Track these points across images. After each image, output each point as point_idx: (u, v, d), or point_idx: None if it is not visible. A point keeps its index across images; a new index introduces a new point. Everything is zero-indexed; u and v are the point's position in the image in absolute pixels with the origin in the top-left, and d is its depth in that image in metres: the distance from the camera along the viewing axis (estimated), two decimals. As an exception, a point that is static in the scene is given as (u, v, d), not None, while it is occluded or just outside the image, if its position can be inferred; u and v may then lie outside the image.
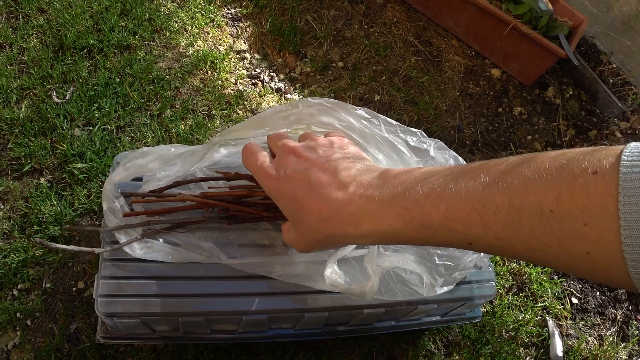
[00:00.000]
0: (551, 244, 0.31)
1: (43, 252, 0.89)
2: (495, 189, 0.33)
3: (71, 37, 1.11)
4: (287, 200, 0.48)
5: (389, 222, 0.41)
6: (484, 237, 0.35)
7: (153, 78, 1.11)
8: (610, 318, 1.10)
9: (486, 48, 1.40)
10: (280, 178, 0.49)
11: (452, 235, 0.37)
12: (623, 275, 0.29)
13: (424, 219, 0.38)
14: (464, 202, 0.35)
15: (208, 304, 0.63)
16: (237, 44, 1.26)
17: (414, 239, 0.40)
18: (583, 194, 0.29)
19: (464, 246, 0.37)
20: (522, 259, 0.35)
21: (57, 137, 0.99)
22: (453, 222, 0.36)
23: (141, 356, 0.84)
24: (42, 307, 0.86)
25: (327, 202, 0.44)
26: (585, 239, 0.29)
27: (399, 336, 0.93)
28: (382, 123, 0.66)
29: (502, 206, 0.33)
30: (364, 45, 1.31)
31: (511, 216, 0.32)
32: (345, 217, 0.43)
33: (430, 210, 0.37)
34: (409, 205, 0.39)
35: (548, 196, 0.30)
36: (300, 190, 0.47)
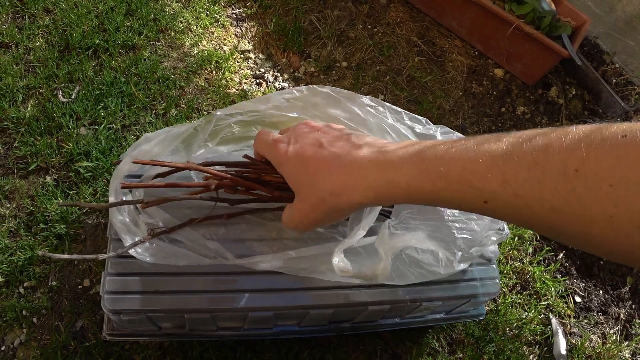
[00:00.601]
0: (572, 205, 0.30)
1: (49, 250, 0.90)
2: (518, 148, 0.33)
3: (77, 37, 1.11)
4: (295, 162, 0.47)
5: (402, 171, 0.40)
6: (501, 195, 0.33)
7: (158, 77, 1.12)
8: (613, 317, 1.10)
9: (489, 48, 1.40)
10: (290, 142, 0.49)
11: (467, 190, 0.35)
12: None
13: (441, 169, 0.37)
14: (485, 157, 0.34)
15: (214, 300, 0.64)
16: (242, 44, 1.26)
17: (425, 192, 0.39)
18: (611, 155, 0.28)
19: (477, 205, 0.36)
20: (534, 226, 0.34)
21: (63, 136, 1.00)
22: (472, 175, 0.35)
23: (147, 353, 0.85)
24: (48, 304, 0.86)
25: (337, 157, 0.44)
26: (609, 200, 0.28)
27: (403, 334, 0.94)
28: (388, 111, 0.67)
29: (524, 163, 0.32)
30: (367, 45, 1.31)
31: (533, 173, 0.31)
32: (355, 168, 0.43)
33: (448, 162, 0.36)
34: (427, 157, 0.38)
35: (574, 156, 0.29)
36: (309, 150, 0.46)
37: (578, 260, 1.15)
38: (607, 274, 1.14)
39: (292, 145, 0.48)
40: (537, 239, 1.14)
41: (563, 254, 1.14)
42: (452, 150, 0.37)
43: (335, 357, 0.90)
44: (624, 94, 1.44)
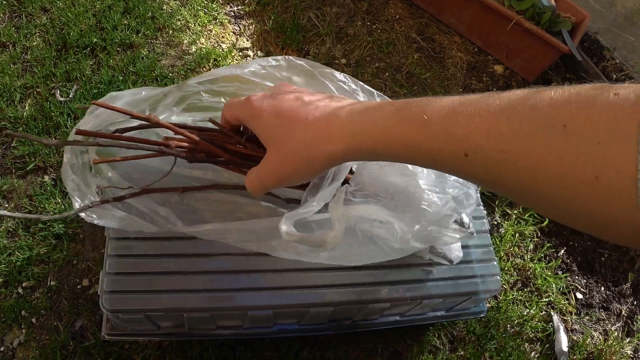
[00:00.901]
0: (558, 163, 0.28)
1: (48, 250, 0.89)
2: (506, 102, 0.31)
3: (74, 36, 1.11)
4: (270, 115, 0.45)
5: (383, 116, 0.38)
6: (484, 148, 0.32)
7: (156, 76, 1.11)
8: (615, 313, 1.09)
9: (489, 44, 1.40)
10: (265, 97, 0.46)
11: (448, 141, 0.34)
12: (630, 207, 0.26)
13: (424, 117, 0.35)
14: (471, 108, 0.33)
15: (213, 299, 0.63)
16: (240, 42, 1.26)
17: (405, 140, 0.37)
18: (601, 114, 0.27)
19: (456, 159, 0.34)
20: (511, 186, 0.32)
21: (61, 135, 0.99)
22: (455, 125, 0.33)
23: (146, 353, 0.84)
24: (47, 304, 0.86)
25: (316, 109, 0.42)
26: (596, 159, 0.26)
27: (404, 331, 0.93)
28: (360, 89, 0.65)
29: (511, 117, 0.30)
30: (366, 42, 1.31)
31: (520, 128, 0.30)
32: (333, 118, 0.41)
33: (432, 112, 0.35)
34: (410, 106, 0.37)
35: (562, 111, 0.28)
36: (285, 103, 0.44)
37: (579, 256, 1.14)
38: (609, 270, 1.14)
39: (268, 99, 0.46)
40: (537, 236, 1.14)
41: (564, 251, 1.14)
42: (436, 102, 0.36)
43: (336, 355, 0.89)
44: (625, 89, 1.44)
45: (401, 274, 0.71)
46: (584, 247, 1.15)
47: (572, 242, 1.15)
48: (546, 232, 1.15)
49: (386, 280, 0.70)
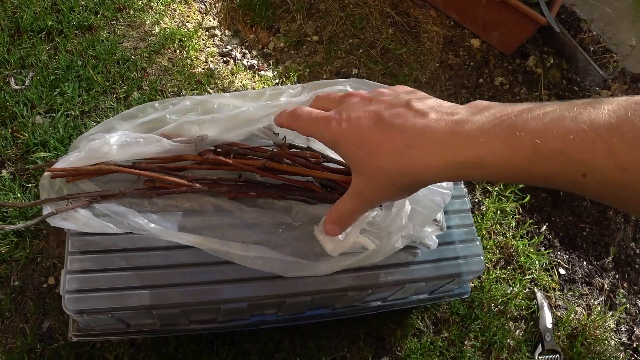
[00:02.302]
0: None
1: (9, 249, 0.84)
2: (624, 116, 0.30)
3: (28, 19, 1.04)
4: (352, 141, 0.43)
5: (490, 147, 0.35)
6: (604, 168, 0.31)
7: (118, 59, 1.05)
8: (597, 287, 1.09)
9: (465, 18, 1.36)
10: (343, 119, 0.44)
11: (565, 165, 0.32)
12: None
13: (537, 142, 0.33)
14: (587, 127, 0.31)
15: (183, 294, 0.60)
16: (206, 21, 1.20)
17: (515, 169, 0.35)
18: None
19: (573, 180, 0.33)
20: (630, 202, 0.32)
21: (18, 125, 0.93)
22: (572, 147, 0.32)
23: (119, 351, 0.81)
24: (12, 306, 0.82)
25: (402, 131, 0.40)
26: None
27: (387, 316, 0.91)
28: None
29: (633, 134, 0.29)
30: (339, 18, 1.26)
31: (637, 142, 0.29)
32: (427, 144, 0.38)
33: (544, 134, 0.33)
34: (517, 128, 0.34)
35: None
36: (367, 126, 0.42)
37: (561, 232, 1.13)
38: (590, 244, 1.13)
39: (346, 121, 0.43)
40: (519, 212, 1.12)
41: (546, 227, 1.13)
42: (545, 120, 0.33)
43: (317, 343, 0.87)
44: (602, 62, 1.42)
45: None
46: (565, 222, 1.14)
47: (553, 218, 1.14)
48: (527, 208, 1.13)
49: (365, 266, 0.67)
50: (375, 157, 0.41)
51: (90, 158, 0.60)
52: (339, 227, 0.51)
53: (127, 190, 0.61)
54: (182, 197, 0.64)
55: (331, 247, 0.57)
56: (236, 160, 0.61)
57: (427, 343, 0.92)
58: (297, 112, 0.49)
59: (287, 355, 0.85)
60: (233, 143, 0.62)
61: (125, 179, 0.63)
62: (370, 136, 0.41)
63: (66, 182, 0.61)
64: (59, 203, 0.59)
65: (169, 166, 0.62)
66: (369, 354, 0.89)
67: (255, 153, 0.62)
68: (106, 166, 0.60)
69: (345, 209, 0.48)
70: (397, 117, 0.41)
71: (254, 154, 0.62)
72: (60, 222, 0.57)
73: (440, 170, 0.38)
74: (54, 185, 0.61)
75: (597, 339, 1.01)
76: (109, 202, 0.60)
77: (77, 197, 0.59)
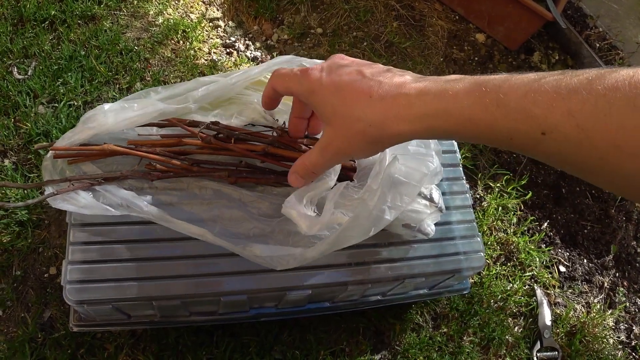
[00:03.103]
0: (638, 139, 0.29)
1: (11, 238, 0.85)
2: (585, 81, 0.31)
3: (31, 9, 1.03)
4: (329, 90, 0.44)
5: (457, 98, 0.37)
6: (563, 127, 0.32)
7: (121, 49, 1.05)
8: (597, 285, 1.09)
9: (470, 11, 1.35)
10: (324, 70, 0.45)
11: (526, 121, 0.34)
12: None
13: (500, 97, 0.35)
14: (549, 87, 0.33)
15: (183, 286, 0.60)
16: (210, 11, 1.19)
17: (479, 122, 0.36)
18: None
19: (533, 138, 0.34)
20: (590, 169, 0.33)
21: (21, 115, 0.93)
22: (533, 103, 0.33)
23: (119, 342, 0.81)
24: (13, 296, 0.82)
25: (380, 85, 0.41)
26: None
27: (386, 310, 0.91)
28: None
29: (591, 95, 0.31)
30: (343, 10, 1.25)
31: (601, 106, 0.30)
32: (401, 97, 0.40)
33: (508, 90, 0.35)
34: (484, 85, 0.36)
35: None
36: (347, 78, 0.43)
37: (562, 229, 1.13)
38: (591, 242, 1.13)
39: (327, 73, 0.44)
40: (521, 209, 1.12)
41: (547, 224, 1.12)
42: (511, 80, 0.35)
43: (316, 337, 0.87)
44: (608, 58, 1.41)
45: (382, 253, 0.68)
46: (567, 219, 1.14)
47: (555, 215, 1.14)
48: (529, 205, 1.13)
49: (366, 261, 0.67)
50: (350, 106, 0.42)
51: (88, 128, 0.59)
52: (302, 179, 0.51)
53: (128, 173, 0.61)
54: (182, 181, 0.64)
55: (306, 225, 0.55)
56: (237, 145, 0.61)
57: (426, 338, 0.92)
58: (280, 71, 0.50)
59: (287, 348, 0.86)
60: (234, 128, 0.62)
61: (126, 162, 0.63)
62: (348, 86, 0.42)
63: (68, 164, 0.61)
64: (61, 185, 0.59)
65: (170, 150, 0.62)
66: (367, 348, 0.89)
67: (256, 138, 0.62)
68: (109, 147, 0.59)
69: (311, 161, 0.49)
70: (377, 75, 0.42)
71: (255, 139, 0.62)
72: (60, 203, 0.57)
73: (408, 123, 0.40)
74: (57, 167, 0.60)
75: (596, 336, 1.01)
76: (110, 184, 0.60)
77: (79, 179, 0.59)
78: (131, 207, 0.58)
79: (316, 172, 0.50)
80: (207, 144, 0.61)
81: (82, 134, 0.59)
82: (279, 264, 0.57)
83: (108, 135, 0.63)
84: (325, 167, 0.50)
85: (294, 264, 0.57)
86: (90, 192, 0.59)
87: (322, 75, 0.44)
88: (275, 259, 0.58)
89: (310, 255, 0.56)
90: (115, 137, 0.63)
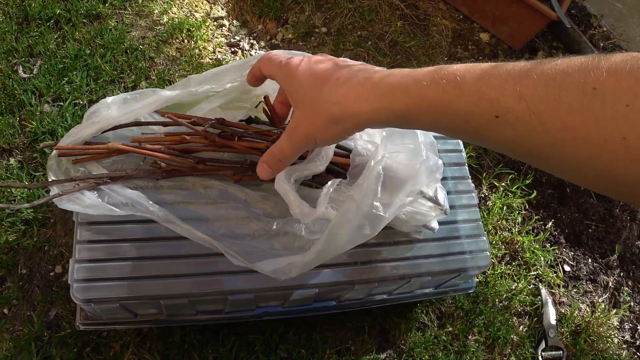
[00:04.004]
0: (587, 124, 0.29)
1: (17, 237, 0.85)
2: (537, 66, 0.32)
3: (36, 7, 1.04)
4: (304, 75, 0.45)
5: (414, 78, 0.38)
6: (515, 110, 0.33)
7: (126, 48, 1.05)
8: (602, 285, 1.09)
9: (475, 11, 1.35)
10: (303, 60, 0.47)
11: (480, 102, 0.35)
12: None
13: (457, 78, 0.36)
14: (502, 72, 0.34)
15: (190, 284, 0.60)
16: (215, 11, 1.19)
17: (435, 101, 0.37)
18: (630, 77, 0.28)
19: (486, 121, 0.35)
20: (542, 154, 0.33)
21: (26, 114, 0.94)
22: (487, 86, 0.34)
23: (125, 340, 0.81)
24: (19, 294, 0.82)
25: (349, 71, 0.43)
26: (624, 120, 0.28)
27: (392, 309, 0.91)
28: None
29: (542, 80, 0.31)
30: (347, 10, 1.25)
31: (551, 90, 0.31)
32: (365, 82, 0.41)
33: (464, 73, 0.36)
34: (442, 69, 0.38)
35: (592, 75, 0.29)
36: (321, 65, 0.45)
37: (567, 228, 1.13)
38: (596, 242, 1.13)
39: (306, 63, 0.47)
40: (526, 208, 1.12)
41: (552, 223, 1.12)
42: (472, 66, 0.37)
43: (322, 335, 0.87)
44: (611, 57, 1.41)
45: (388, 252, 0.68)
46: (571, 219, 1.14)
47: (559, 214, 1.13)
48: (534, 204, 1.13)
49: (372, 259, 0.67)
50: (319, 88, 0.44)
51: (93, 123, 0.59)
52: (270, 169, 0.51)
53: (133, 172, 0.60)
54: (187, 180, 0.64)
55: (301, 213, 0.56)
56: (240, 143, 0.61)
57: (431, 337, 0.92)
58: (269, 55, 0.51)
59: (292, 347, 0.86)
60: (239, 125, 0.62)
61: (131, 161, 0.63)
62: (321, 74, 0.44)
63: (73, 163, 0.61)
64: (66, 185, 0.59)
65: (175, 147, 0.62)
66: (373, 347, 0.89)
67: (260, 136, 0.62)
68: (114, 146, 0.59)
69: (278, 148, 0.49)
70: (351, 66, 0.44)
71: (259, 137, 0.62)
72: (66, 204, 0.57)
73: (368, 103, 0.41)
74: (61, 167, 0.61)
75: (601, 336, 1.01)
76: (116, 183, 0.60)
77: (84, 179, 0.59)
78: (136, 207, 0.58)
79: (283, 159, 0.50)
80: (212, 142, 0.61)
81: (87, 129, 0.59)
82: (283, 274, 0.57)
83: (113, 133, 0.63)
84: (292, 154, 0.49)
85: (295, 273, 0.57)
86: (95, 191, 0.59)
87: (301, 64, 0.46)
88: (278, 271, 0.57)
89: (309, 259, 0.56)
90: (120, 135, 0.63)
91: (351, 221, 0.54)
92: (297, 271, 0.57)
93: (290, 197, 0.56)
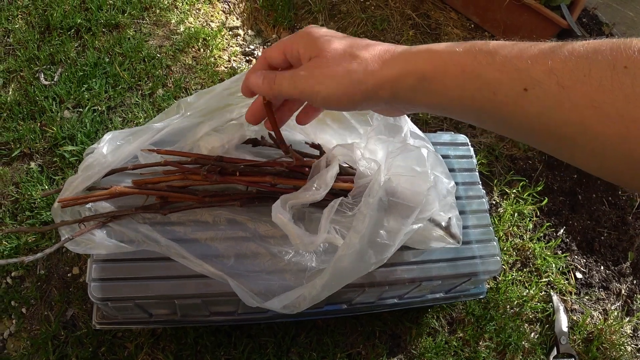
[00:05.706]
0: (616, 102, 0.29)
1: (36, 239, 0.87)
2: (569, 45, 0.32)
3: (58, 17, 1.07)
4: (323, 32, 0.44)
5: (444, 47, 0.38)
6: (544, 83, 0.32)
7: (144, 57, 1.08)
8: (614, 292, 1.08)
9: (486, 20, 1.36)
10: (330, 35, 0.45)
11: (510, 72, 0.34)
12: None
13: (489, 47, 0.36)
14: (534, 48, 0.34)
15: (205, 285, 0.61)
16: (230, 20, 1.22)
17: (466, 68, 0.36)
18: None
19: (515, 93, 0.34)
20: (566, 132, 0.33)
21: (47, 120, 0.96)
22: (518, 59, 0.34)
23: (140, 341, 0.83)
24: (37, 294, 0.84)
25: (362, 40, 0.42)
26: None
27: (402, 314, 0.92)
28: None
29: (573, 55, 0.32)
30: (360, 19, 1.27)
31: (581, 66, 0.31)
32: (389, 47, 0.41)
33: (497, 47, 0.36)
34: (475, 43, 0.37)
35: (624, 54, 0.29)
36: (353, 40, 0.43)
37: (579, 235, 1.13)
38: (608, 249, 1.13)
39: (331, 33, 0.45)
40: (537, 215, 1.12)
41: (564, 230, 1.12)
42: (502, 42, 0.37)
43: (333, 339, 0.88)
44: (624, 65, 1.41)
45: (398, 256, 0.69)
46: (583, 226, 1.13)
47: (571, 222, 1.13)
48: (545, 211, 1.13)
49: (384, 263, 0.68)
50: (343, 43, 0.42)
51: (91, 175, 0.59)
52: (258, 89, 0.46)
53: (139, 210, 0.61)
54: (195, 211, 0.64)
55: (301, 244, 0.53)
56: (242, 178, 0.60)
57: (442, 342, 0.92)
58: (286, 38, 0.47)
59: (303, 350, 0.86)
60: (238, 160, 0.61)
61: (136, 196, 0.62)
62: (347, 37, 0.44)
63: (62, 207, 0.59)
64: (74, 226, 0.59)
65: (176, 185, 0.62)
66: (383, 351, 0.90)
67: (262, 169, 0.61)
68: (117, 189, 0.60)
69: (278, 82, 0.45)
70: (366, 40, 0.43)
71: (261, 170, 0.61)
72: (76, 247, 0.58)
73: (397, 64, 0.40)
74: (67, 210, 0.60)
75: (614, 344, 1.00)
76: (124, 219, 0.60)
77: (92, 219, 0.59)
78: (147, 242, 0.59)
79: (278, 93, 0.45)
80: (213, 182, 0.60)
81: (84, 182, 0.59)
82: (293, 308, 0.57)
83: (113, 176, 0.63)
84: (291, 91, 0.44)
85: (305, 306, 0.57)
86: (104, 229, 0.60)
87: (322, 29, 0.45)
88: (288, 306, 0.57)
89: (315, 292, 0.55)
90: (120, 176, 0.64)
91: (355, 252, 0.52)
92: (306, 305, 0.57)
93: (289, 229, 0.54)
